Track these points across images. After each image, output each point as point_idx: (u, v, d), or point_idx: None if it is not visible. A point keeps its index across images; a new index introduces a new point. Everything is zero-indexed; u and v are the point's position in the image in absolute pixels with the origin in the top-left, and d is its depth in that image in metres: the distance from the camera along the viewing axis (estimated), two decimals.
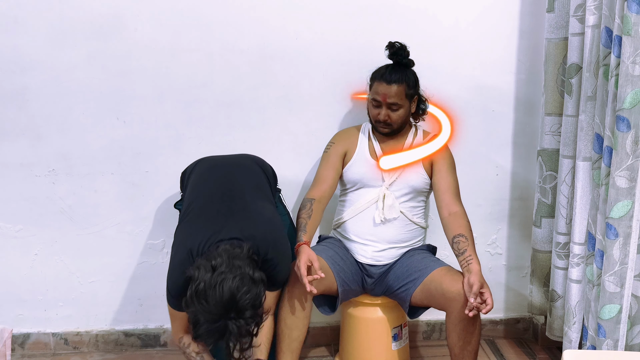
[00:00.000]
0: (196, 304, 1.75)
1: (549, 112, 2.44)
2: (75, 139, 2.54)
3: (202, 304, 1.74)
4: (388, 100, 2.23)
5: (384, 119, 2.25)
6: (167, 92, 2.51)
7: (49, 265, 2.65)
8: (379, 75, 2.27)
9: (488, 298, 2.00)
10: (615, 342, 2.03)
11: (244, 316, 1.76)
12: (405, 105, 2.27)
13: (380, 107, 2.26)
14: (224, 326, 1.75)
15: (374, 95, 2.27)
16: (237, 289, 1.74)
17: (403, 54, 2.27)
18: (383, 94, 2.23)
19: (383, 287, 2.33)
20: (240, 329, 1.76)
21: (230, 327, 1.75)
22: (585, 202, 2.21)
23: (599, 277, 2.07)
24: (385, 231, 2.31)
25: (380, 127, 2.29)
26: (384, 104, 2.24)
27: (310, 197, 2.29)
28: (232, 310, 1.74)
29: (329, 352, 2.71)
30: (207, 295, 1.74)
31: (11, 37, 2.43)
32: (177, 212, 2.59)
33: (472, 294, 1.99)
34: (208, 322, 1.75)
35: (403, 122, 2.30)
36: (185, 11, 2.45)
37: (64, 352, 2.73)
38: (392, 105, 2.25)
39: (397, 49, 2.26)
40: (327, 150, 2.38)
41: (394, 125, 2.28)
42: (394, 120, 2.27)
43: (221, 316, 1.75)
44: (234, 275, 1.75)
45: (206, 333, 1.77)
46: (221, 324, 1.75)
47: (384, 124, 2.27)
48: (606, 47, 2.03)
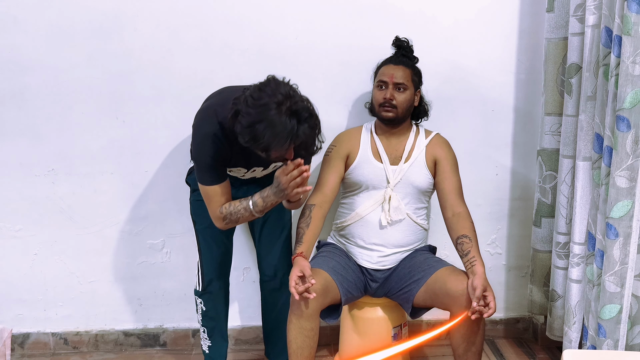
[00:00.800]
0: (258, 114, 1.78)
1: (549, 112, 2.44)
2: (75, 138, 2.53)
3: (263, 111, 1.78)
4: (395, 80, 2.25)
5: (390, 97, 2.24)
6: (167, 92, 2.51)
7: (49, 265, 2.65)
8: (386, 60, 2.33)
9: (491, 302, 1.99)
10: (615, 342, 2.03)
11: (305, 117, 1.82)
12: (410, 89, 2.28)
13: (386, 89, 2.26)
14: (292, 127, 1.79)
15: (380, 77, 2.28)
16: (292, 90, 1.85)
17: (407, 46, 2.34)
18: (390, 74, 2.26)
19: (385, 290, 2.32)
20: (307, 128, 1.83)
21: (299, 129, 1.81)
22: (585, 202, 2.21)
23: (599, 277, 2.07)
24: (391, 234, 2.29)
25: (385, 109, 2.26)
26: (390, 83, 2.25)
27: (311, 203, 2.25)
28: (289, 100, 1.80)
29: (329, 352, 2.71)
30: (267, 103, 1.78)
31: (11, 37, 2.43)
32: (177, 212, 2.60)
33: (475, 298, 1.98)
34: (275, 130, 1.78)
35: (407, 109, 2.29)
36: (185, 11, 2.45)
37: (64, 352, 2.73)
38: (399, 85, 2.25)
39: (402, 41, 2.34)
40: (328, 154, 2.35)
41: (398, 109, 2.26)
42: (399, 103, 2.25)
43: (286, 115, 1.79)
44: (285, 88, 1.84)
45: (275, 140, 1.79)
46: (289, 125, 1.79)
47: (390, 106, 2.25)
48: (606, 47, 2.03)
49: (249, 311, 2.68)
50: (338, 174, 2.31)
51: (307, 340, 2.12)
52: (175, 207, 2.60)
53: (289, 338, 2.13)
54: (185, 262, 2.68)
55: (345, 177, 2.33)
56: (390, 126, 2.32)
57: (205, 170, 2.04)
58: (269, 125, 1.79)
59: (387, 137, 2.34)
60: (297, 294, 2.00)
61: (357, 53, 2.50)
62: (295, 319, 2.09)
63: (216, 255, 2.33)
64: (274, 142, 1.80)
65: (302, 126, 1.83)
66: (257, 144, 1.82)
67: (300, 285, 2.01)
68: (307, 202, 2.27)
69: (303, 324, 2.10)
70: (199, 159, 2.04)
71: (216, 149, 1.99)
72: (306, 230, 2.19)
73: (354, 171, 2.31)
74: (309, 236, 2.18)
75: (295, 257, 2.11)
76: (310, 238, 2.19)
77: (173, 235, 2.65)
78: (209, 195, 2.06)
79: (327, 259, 2.26)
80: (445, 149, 2.34)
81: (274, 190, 1.99)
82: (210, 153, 1.99)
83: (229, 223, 2.08)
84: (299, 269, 2.04)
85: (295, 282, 2.01)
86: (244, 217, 2.06)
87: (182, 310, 2.75)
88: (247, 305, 2.70)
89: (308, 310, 2.07)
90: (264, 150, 1.85)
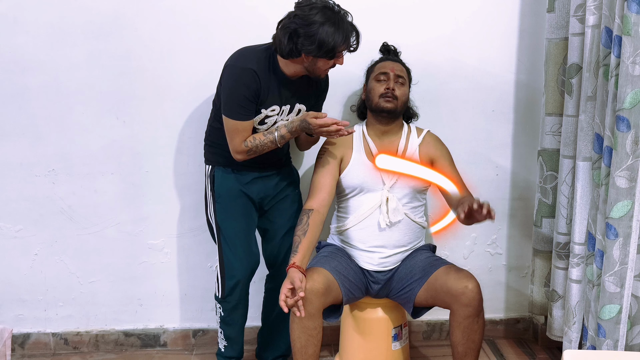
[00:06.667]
0: (315, 22, 1.99)
1: (549, 112, 2.44)
2: (75, 139, 2.54)
3: (318, 18, 2.00)
4: (396, 72, 2.28)
5: (392, 86, 2.25)
6: (167, 92, 2.51)
7: (49, 265, 2.65)
8: (380, 59, 2.38)
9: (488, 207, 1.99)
10: (615, 342, 2.03)
11: (345, 13, 2.07)
12: (407, 84, 2.31)
13: (388, 80, 2.27)
14: (346, 20, 2.05)
15: (379, 70, 2.30)
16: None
17: (395, 52, 2.40)
18: (391, 67, 2.29)
19: (387, 291, 2.32)
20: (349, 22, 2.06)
21: (344, 22, 2.04)
22: (585, 202, 2.21)
23: (599, 277, 2.07)
24: (391, 235, 2.28)
25: (387, 99, 2.25)
26: (392, 74, 2.27)
27: (309, 208, 2.21)
28: (328, 4, 2.04)
29: (329, 352, 2.71)
30: (316, 12, 2.00)
31: (11, 37, 2.43)
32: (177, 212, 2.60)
33: (475, 203, 1.97)
34: (336, 26, 2.01)
35: (404, 104, 2.30)
36: (185, 11, 2.45)
37: (64, 352, 2.74)
38: (399, 78, 2.28)
39: (390, 47, 2.41)
40: (321, 156, 2.32)
41: (398, 101, 2.26)
42: (399, 95, 2.26)
43: (332, 11, 2.03)
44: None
45: (341, 35, 2.02)
46: (342, 19, 2.03)
47: (391, 96, 2.25)
48: (606, 47, 2.03)
49: (250, 311, 2.66)
50: (333, 177, 2.27)
51: (310, 339, 2.12)
52: (175, 207, 2.60)
53: (293, 337, 2.13)
54: (186, 262, 2.69)
55: (340, 180, 2.30)
56: (385, 122, 2.30)
57: (239, 104, 2.12)
58: (329, 25, 2.00)
59: (379, 137, 2.32)
60: (286, 308, 2.00)
61: (356, 53, 2.48)
62: (298, 319, 2.09)
63: (244, 263, 2.31)
64: (340, 38, 2.02)
65: (348, 20, 2.07)
66: (325, 45, 2.01)
67: (290, 299, 2.00)
68: (305, 207, 2.23)
69: (306, 323, 2.09)
70: (236, 93, 2.11)
71: (253, 83, 2.10)
72: (302, 239, 2.14)
73: (349, 174, 2.28)
74: (304, 245, 2.13)
75: (289, 269, 2.08)
76: (306, 247, 2.14)
77: (173, 235, 2.65)
78: (237, 129, 2.15)
79: (329, 259, 2.26)
80: (440, 147, 2.34)
81: (302, 127, 2.14)
82: (248, 85, 2.10)
83: (252, 154, 2.19)
84: (290, 281, 2.02)
85: (286, 295, 2.00)
86: (268, 148, 2.19)
87: (182, 311, 2.75)
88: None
89: (310, 310, 2.07)
90: (330, 51, 2.03)
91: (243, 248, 2.30)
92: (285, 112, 2.22)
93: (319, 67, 2.11)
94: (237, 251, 2.28)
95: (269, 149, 2.19)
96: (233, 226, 2.29)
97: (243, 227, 2.30)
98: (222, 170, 2.29)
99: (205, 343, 2.77)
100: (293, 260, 2.10)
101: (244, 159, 2.20)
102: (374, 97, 2.28)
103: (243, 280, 2.31)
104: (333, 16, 2.02)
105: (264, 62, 2.13)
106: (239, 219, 2.29)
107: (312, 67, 2.11)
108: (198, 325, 2.77)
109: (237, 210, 2.29)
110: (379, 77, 2.28)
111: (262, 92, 2.13)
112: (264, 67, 2.13)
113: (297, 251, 2.13)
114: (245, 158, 2.20)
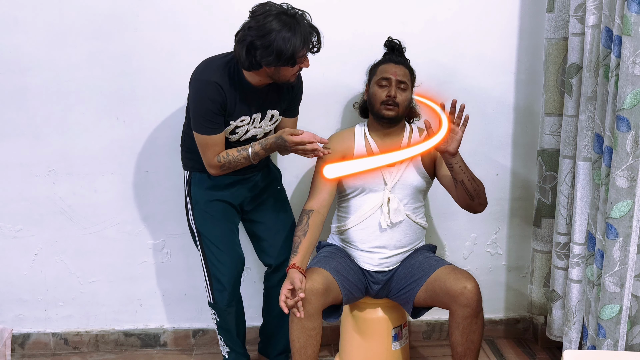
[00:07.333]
0: (270, 31, 1.91)
1: (549, 112, 2.44)
2: (75, 139, 2.54)
3: (273, 26, 1.91)
4: (398, 78, 2.24)
5: (394, 94, 2.22)
6: (167, 92, 2.51)
7: (49, 265, 2.65)
8: (384, 59, 2.32)
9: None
10: (615, 342, 2.03)
11: (301, 14, 1.98)
12: (409, 89, 2.28)
13: (389, 86, 2.23)
14: (302, 23, 1.95)
15: (381, 75, 2.25)
16: (274, 3, 1.99)
17: (399, 47, 2.35)
18: (393, 72, 2.25)
19: (386, 291, 2.32)
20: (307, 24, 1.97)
21: (301, 25, 1.94)
22: (585, 202, 2.21)
23: (599, 277, 2.07)
24: (392, 236, 2.28)
25: (388, 107, 2.23)
26: (394, 80, 2.23)
27: (309, 209, 2.23)
28: (283, 8, 1.96)
29: (329, 352, 2.71)
30: (270, 19, 1.92)
31: (11, 37, 2.43)
32: (177, 212, 2.60)
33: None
34: (292, 31, 1.91)
35: (406, 108, 2.28)
36: (185, 11, 2.45)
37: (64, 352, 2.74)
38: (401, 84, 2.24)
39: (394, 42, 2.35)
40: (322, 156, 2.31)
41: (399, 108, 2.24)
42: (401, 101, 2.23)
43: (288, 15, 1.94)
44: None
45: (299, 40, 1.92)
46: (298, 22, 1.94)
47: (393, 103, 2.22)
48: (606, 47, 2.03)
49: (250, 311, 2.67)
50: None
51: (309, 339, 2.12)
52: (175, 208, 2.60)
53: (292, 337, 2.13)
54: (186, 262, 2.69)
55: (342, 180, 2.30)
56: (387, 126, 2.30)
57: (206, 119, 2.07)
58: (285, 31, 1.91)
59: (381, 137, 2.32)
60: (287, 308, 2.00)
61: (356, 53, 2.50)
62: (297, 319, 2.09)
63: (228, 266, 2.30)
64: (298, 42, 1.92)
65: (306, 21, 1.98)
66: (284, 54, 1.92)
67: (290, 299, 2.01)
68: (305, 208, 2.24)
69: (305, 323, 2.09)
70: (201, 107, 2.07)
71: (218, 96, 2.05)
72: (302, 240, 2.16)
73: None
74: (304, 245, 2.15)
75: (289, 269, 2.09)
76: (306, 247, 2.15)
77: (173, 235, 2.66)
78: (208, 144, 2.11)
79: (329, 259, 2.26)
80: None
81: (277, 144, 2.08)
82: (212, 98, 2.04)
83: (225, 170, 2.16)
84: (290, 281, 2.03)
85: (286, 296, 2.01)
86: (242, 164, 2.15)
87: (182, 311, 2.75)
88: (247, 306, 2.69)
89: (310, 310, 2.07)
90: (290, 59, 1.94)
91: (226, 251, 2.29)
92: (257, 119, 2.18)
93: (284, 75, 2.04)
94: (221, 255, 2.28)
95: (242, 165, 2.14)
96: (213, 230, 2.27)
97: (224, 230, 2.29)
98: (199, 176, 2.26)
99: (205, 343, 2.77)
100: (293, 260, 2.11)
101: (217, 174, 2.17)
102: (375, 103, 2.26)
103: (231, 282, 2.31)
104: (289, 21, 1.93)
105: (228, 74, 2.06)
106: (218, 223, 2.28)
107: (276, 76, 2.04)
108: (198, 325, 2.77)
109: (216, 214, 2.27)
110: (380, 82, 2.26)
111: (229, 104, 2.08)
112: (228, 78, 2.06)
113: (297, 252, 2.13)
114: (219, 173, 2.16)
